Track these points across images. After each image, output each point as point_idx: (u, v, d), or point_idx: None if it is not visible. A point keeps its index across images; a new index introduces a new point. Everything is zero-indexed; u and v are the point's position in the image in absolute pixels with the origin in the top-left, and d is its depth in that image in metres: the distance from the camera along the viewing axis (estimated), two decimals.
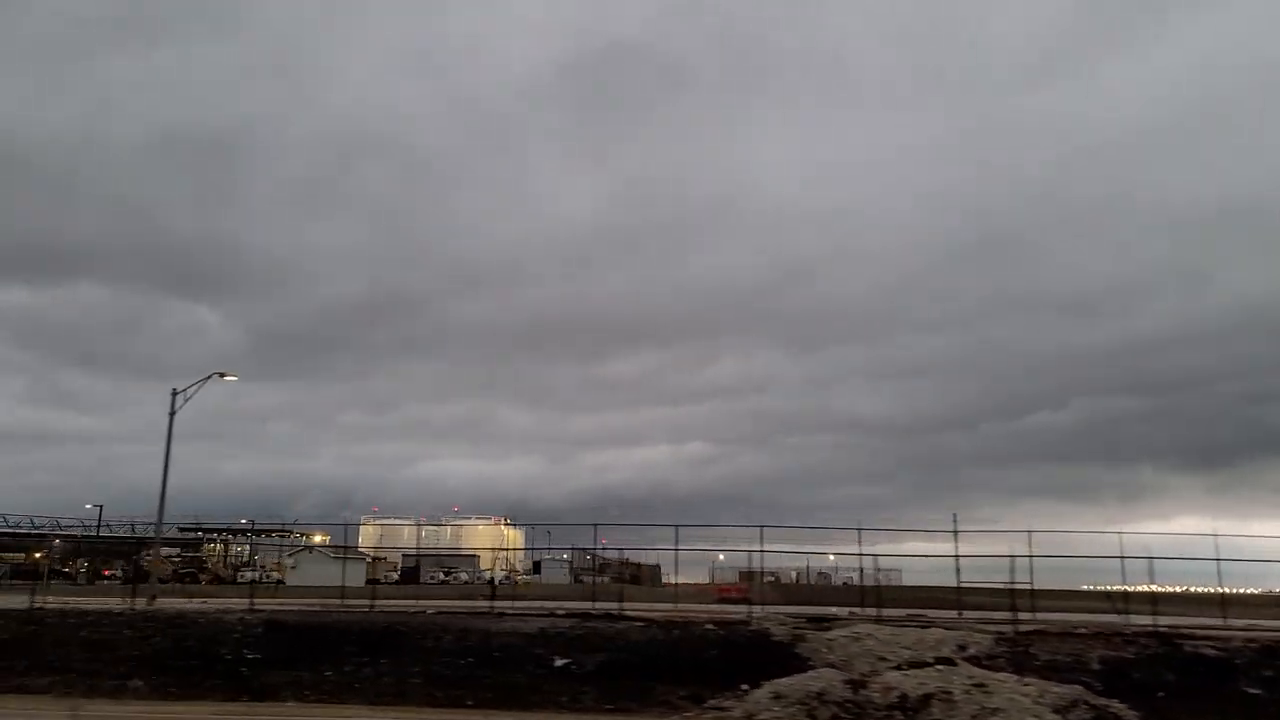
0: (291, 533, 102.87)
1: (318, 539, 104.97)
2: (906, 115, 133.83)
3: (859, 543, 31.11)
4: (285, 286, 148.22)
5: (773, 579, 57.72)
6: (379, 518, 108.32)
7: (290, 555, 71.80)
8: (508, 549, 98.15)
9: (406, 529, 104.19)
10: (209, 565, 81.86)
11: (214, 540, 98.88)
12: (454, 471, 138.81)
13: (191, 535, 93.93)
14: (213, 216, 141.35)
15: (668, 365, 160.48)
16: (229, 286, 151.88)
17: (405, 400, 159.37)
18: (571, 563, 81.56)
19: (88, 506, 75.63)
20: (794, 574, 64.77)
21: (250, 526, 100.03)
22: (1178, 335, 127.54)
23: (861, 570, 34.09)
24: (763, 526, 31.45)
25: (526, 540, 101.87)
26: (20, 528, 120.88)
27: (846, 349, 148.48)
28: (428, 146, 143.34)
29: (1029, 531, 27.83)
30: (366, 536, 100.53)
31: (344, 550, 75.47)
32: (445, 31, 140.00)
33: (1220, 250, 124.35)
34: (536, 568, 79.12)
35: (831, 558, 51.05)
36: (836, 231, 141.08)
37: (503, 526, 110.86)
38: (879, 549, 37.76)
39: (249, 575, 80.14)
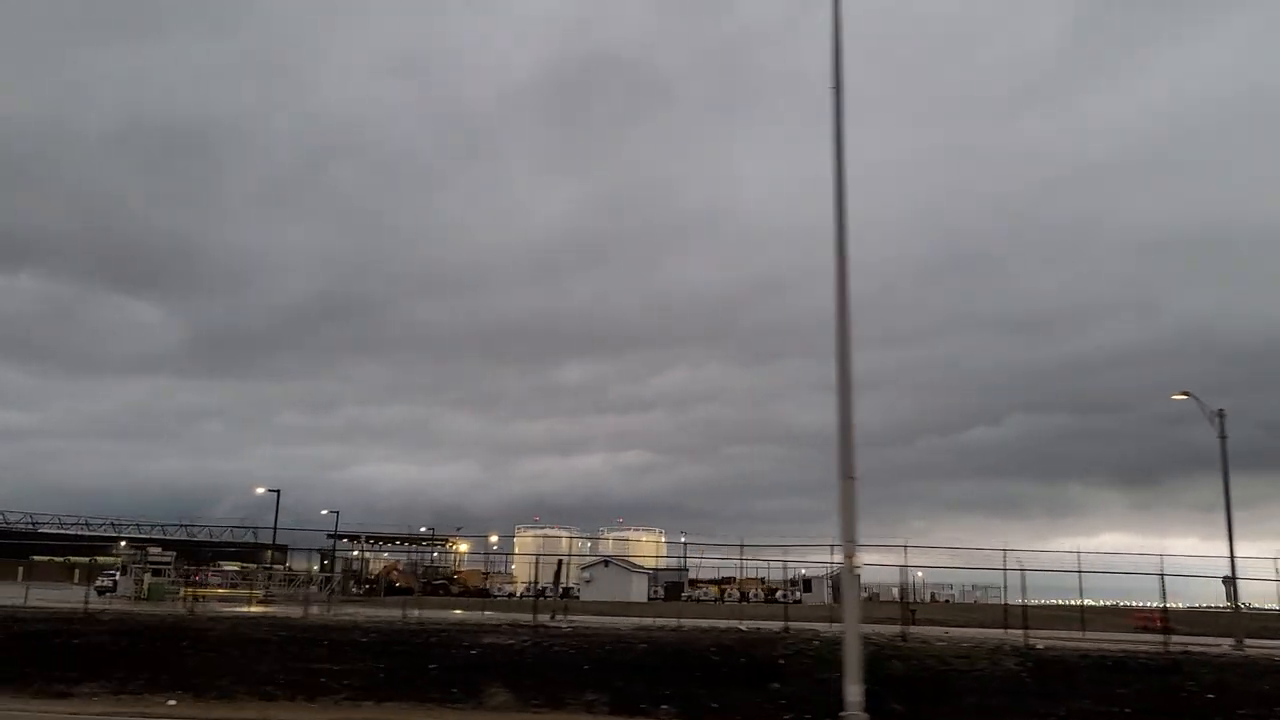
0: (448, 540, 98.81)
1: (463, 547, 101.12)
2: (888, 136, 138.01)
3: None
4: (240, 285, 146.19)
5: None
6: (538, 527, 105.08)
7: (586, 569, 68.66)
8: (662, 556, 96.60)
9: (564, 539, 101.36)
10: (457, 577, 77.89)
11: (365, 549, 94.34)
12: (385, 475, 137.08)
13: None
14: (175, 212, 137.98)
15: (619, 374, 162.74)
16: (180, 284, 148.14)
17: (347, 403, 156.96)
18: (830, 578, 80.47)
19: (325, 512, 70.05)
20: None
21: (427, 535, 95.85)
22: (1119, 357, 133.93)
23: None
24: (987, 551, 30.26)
25: (671, 552, 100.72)
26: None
27: (800, 363, 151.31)
28: (407, 149, 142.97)
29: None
30: (524, 546, 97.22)
31: (630, 563, 72.91)
32: (435, 35, 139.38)
33: (1172, 277, 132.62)
34: (807, 585, 77.31)
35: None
36: (808, 247, 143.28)
37: (662, 538, 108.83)
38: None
39: (508, 588, 76.74)
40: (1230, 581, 31.49)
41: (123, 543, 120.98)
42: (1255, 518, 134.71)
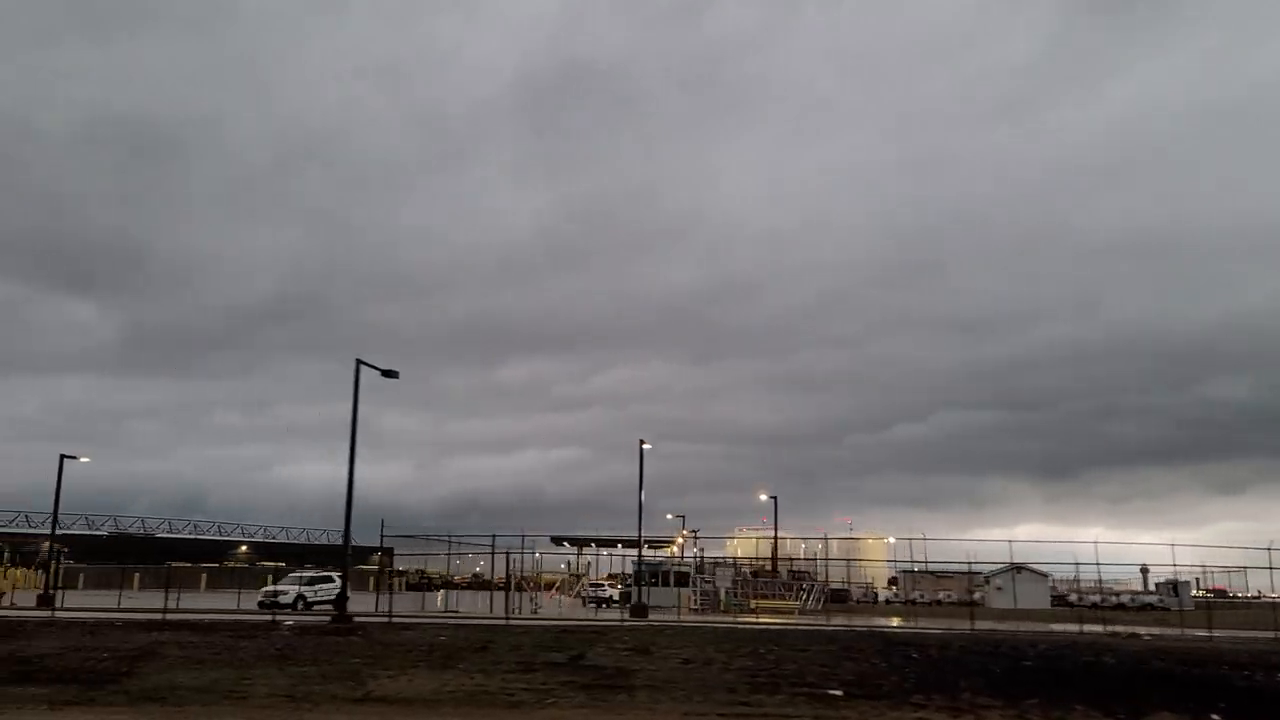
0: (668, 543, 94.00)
1: (675, 550, 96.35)
2: (858, 145, 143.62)
3: None
4: (193, 287, 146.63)
5: None
6: (764, 528, 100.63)
7: (998, 575, 64.57)
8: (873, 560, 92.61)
9: (787, 541, 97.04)
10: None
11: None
12: (313, 475, 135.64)
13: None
14: (133, 212, 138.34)
15: (568, 374, 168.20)
16: (129, 284, 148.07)
17: (286, 403, 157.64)
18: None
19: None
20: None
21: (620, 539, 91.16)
22: (1053, 357, 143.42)
23: None
24: None
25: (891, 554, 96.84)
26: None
27: (746, 362, 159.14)
28: (379, 154, 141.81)
29: None
30: (746, 549, 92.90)
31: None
32: (413, 41, 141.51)
33: (1113, 282, 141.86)
34: (1174, 588, 73.47)
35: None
36: (774, 251, 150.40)
37: (890, 539, 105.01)
38: None
39: (859, 595, 72.69)
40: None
41: (244, 547, 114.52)
42: (1167, 508, 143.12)
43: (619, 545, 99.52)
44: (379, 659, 17.81)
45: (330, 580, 36.59)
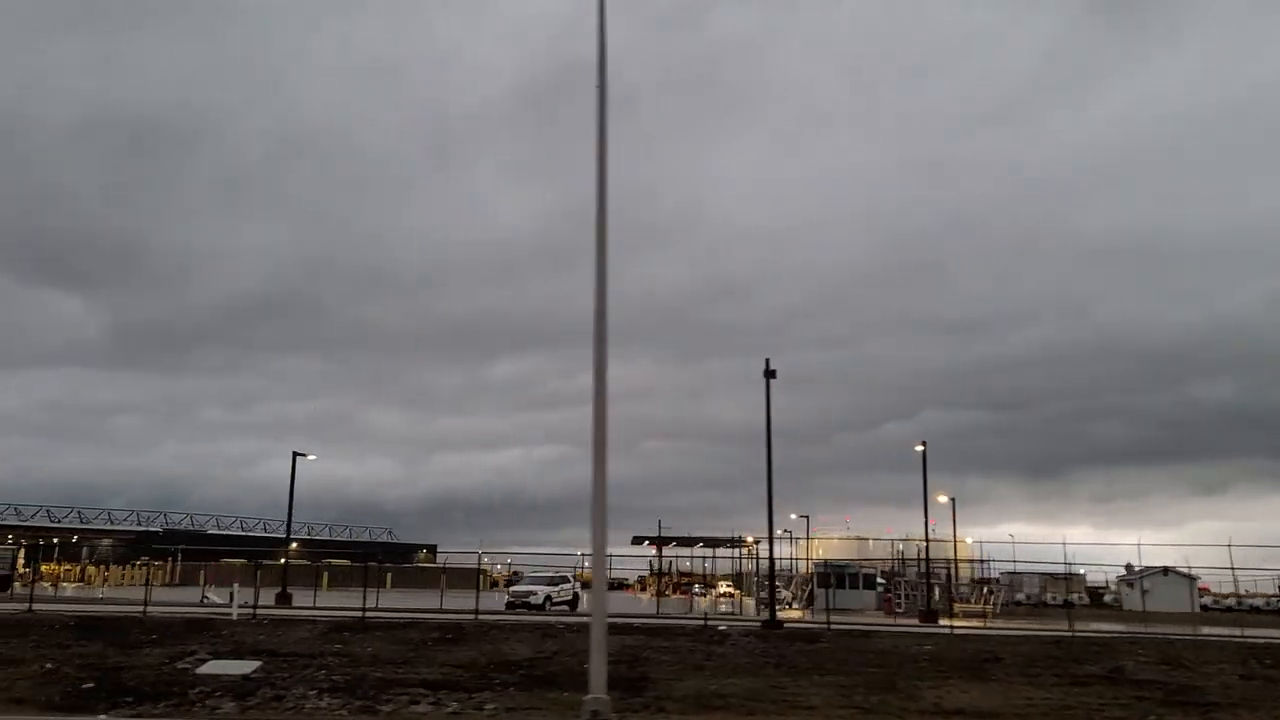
0: (743, 543, 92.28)
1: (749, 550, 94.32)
2: (859, 146, 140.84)
3: None
4: (182, 282, 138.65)
5: None
6: (846, 528, 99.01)
7: (1147, 577, 62.52)
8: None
9: (870, 541, 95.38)
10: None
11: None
12: (304, 472, 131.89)
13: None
14: (124, 207, 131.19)
15: (556, 372, 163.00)
16: (117, 279, 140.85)
17: (273, 399, 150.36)
18: None
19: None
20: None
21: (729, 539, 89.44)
22: (1041, 358, 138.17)
23: None
24: None
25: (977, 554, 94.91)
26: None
27: (735, 362, 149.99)
28: (376, 152, 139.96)
29: None
30: (829, 549, 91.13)
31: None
32: (412, 41, 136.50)
33: (1109, 284, 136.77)
34: None
35: None
36: (773, 252, 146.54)
37: (968, 541, 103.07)
38: None
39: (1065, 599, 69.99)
40: None
41: (294, 544, 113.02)
42: (1148, 506, 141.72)
43: (700, 544, 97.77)
44: (893, 669, 16.33)
45: (567, 581, 38.65)
